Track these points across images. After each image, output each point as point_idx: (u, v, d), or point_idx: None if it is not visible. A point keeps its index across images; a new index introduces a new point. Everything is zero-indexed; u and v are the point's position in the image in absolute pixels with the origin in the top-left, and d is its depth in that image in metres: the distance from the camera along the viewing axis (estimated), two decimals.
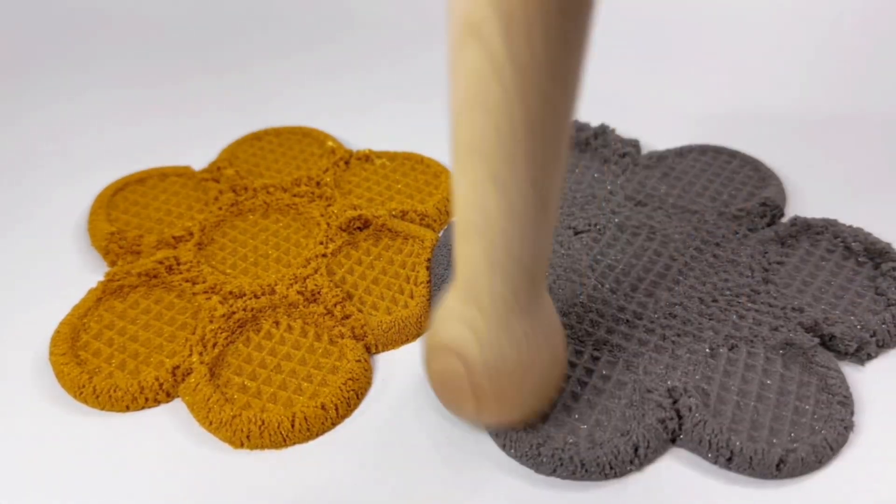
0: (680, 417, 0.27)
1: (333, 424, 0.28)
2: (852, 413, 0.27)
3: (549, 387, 0.26)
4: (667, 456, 0.27)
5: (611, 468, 0.25)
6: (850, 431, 0.27)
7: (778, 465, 0.25)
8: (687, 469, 0.26)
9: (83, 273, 0.35)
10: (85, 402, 0.29)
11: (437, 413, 0.28)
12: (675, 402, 0.27)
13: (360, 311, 0.32)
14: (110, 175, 0.41)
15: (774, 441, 0.26)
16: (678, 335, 0.30)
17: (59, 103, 0.50)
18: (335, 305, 0.31)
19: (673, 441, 0.27)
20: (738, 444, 0.26)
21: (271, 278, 0.33)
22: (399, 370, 0.30)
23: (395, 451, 0.27)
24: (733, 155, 0.41)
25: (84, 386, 0.29)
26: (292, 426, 0.27)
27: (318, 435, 0.28)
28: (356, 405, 0.29)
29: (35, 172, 0.43)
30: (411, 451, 0.27)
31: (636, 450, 0.26)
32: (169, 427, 0.28)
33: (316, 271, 0.33)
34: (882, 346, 0.30)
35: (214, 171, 0.41)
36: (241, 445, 0.27)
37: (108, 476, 0.26)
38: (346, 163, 0.42)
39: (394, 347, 0.31)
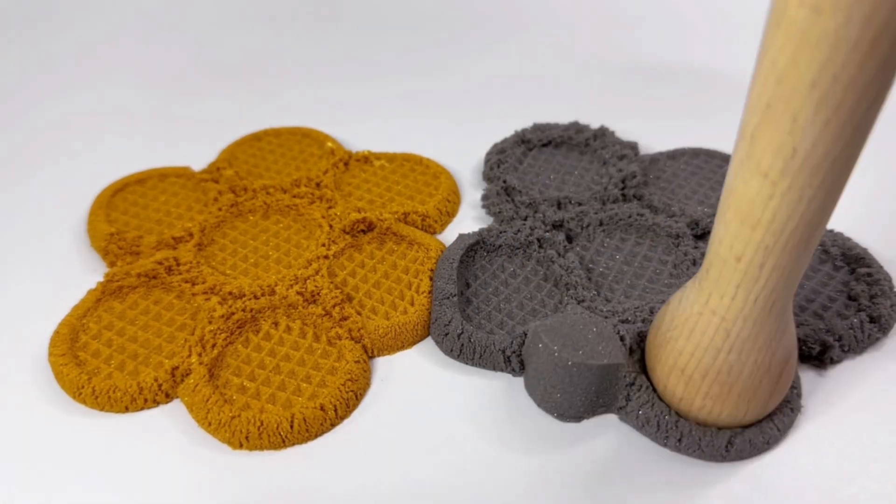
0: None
1: (332, 425, 0.28)
2: (800, 395, 0.28)
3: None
4: (621, 435, 0.27)
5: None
6: (798, 413, 0.27)
7: (727, 447, 0.26)
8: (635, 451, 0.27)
9: (82, 273, 0.35)
10: (84, 402, 0.29)
11: (436, 413, 0.28)
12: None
13: (358, 313, 0.32)
14: (110, 175, 0.41)
15: None
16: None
17: (59, 103, 0.50)
18: (334, 307, 0.31)
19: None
20: (686, 426, 0.26)
21: (271, 279, 0.33)
22: (398, 371, 0.30)
23: (394, 452, 0.27)
24: (725, 159, 0.41)
25: (83, 387, 0.29)
26: (291, 427, 0.27)
27: (317, 436, 0.28)
28: (355, 406, 0.29)
29: (35, 172, 0.43)
30: (410, 452, 0.27)
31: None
32: (168, 428, 0.28)
33: (317, 273, 0.33)
34: (847, 352, 0.30)
35: (214, 171, 0.41)
36: (240, 446, 0.27)
37: (107, 477, 0.26)
38: (346, 164, 0.42)
39: (389, 353, 0.31)
